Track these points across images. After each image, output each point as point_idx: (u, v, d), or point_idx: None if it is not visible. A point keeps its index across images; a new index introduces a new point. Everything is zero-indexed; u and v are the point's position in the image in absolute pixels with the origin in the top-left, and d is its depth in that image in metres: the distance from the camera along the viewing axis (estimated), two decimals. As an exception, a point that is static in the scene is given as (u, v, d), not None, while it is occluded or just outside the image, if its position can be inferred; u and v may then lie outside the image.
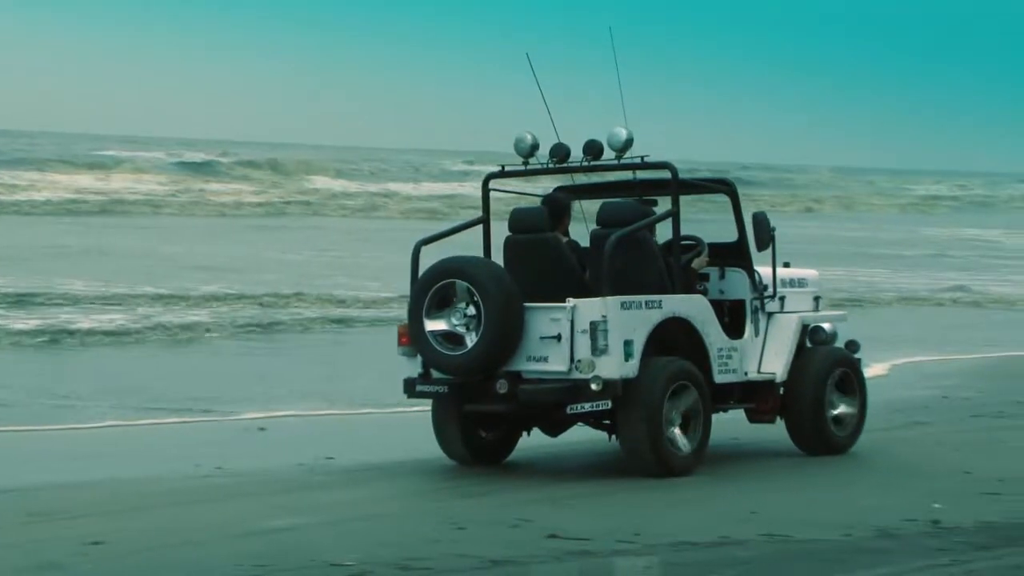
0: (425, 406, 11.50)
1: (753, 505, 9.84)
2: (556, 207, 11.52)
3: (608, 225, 11.17)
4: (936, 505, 9.71)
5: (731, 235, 11.84)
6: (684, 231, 11.39)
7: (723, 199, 11.85)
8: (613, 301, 10.57)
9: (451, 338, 10.81)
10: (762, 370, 11.69)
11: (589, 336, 10.51)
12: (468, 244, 11.90)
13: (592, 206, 11.92)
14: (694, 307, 11.15)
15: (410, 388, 11.19)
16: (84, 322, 20.26)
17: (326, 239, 38.86)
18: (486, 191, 11.91)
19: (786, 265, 12.18)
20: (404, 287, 11.81)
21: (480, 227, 11.96)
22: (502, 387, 10.71)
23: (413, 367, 11.18)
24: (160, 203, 48.45)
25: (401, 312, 12.17)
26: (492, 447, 11.60)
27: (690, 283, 11.41)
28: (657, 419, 10.64)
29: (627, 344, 10.57)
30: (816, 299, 12.42)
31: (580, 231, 11.71)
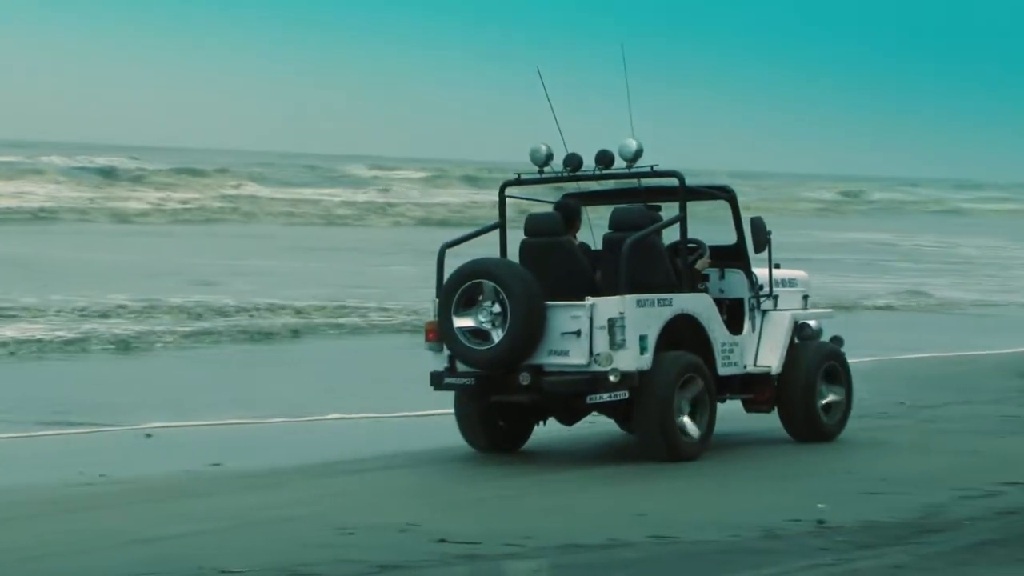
0: (299, 416, 11.50)
1: (641, 507, 9.90)
2: (568, 212, 12.32)
3: (620, 229, 12.07)
4: (820, 505, 9.83)
5: (730, 238, 12.66)
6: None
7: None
8: (630, 299, 11.44)
9: (478, 334, 11.60)
10: (759, 363, 12.56)
11: (607, 332, 11.37)
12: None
13: (592, 210, 12.89)
14: (700, 305, 12.03)
15: (437, 381, 11.94)
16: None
17: (237, 245, 38.56)
18: (502, 198, 12.76)
19: (776, 266, 12.96)
20: (294, 295, 11.79)
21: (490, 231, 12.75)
22: (525, 379, 11.47)
23: (439, 362, 11.94)
24: (58, 209, 47.83)
25: (293, 321, 12.22)
26: (510, 436, 12.36)
27: (695, 283, 12.25)
28: (669, 409, 11.53)
29: (642, 339, 11.46)
30: (805, 297, 13.35)
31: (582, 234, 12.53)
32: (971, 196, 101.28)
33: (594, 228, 12.59)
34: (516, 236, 12.35)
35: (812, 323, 13.07)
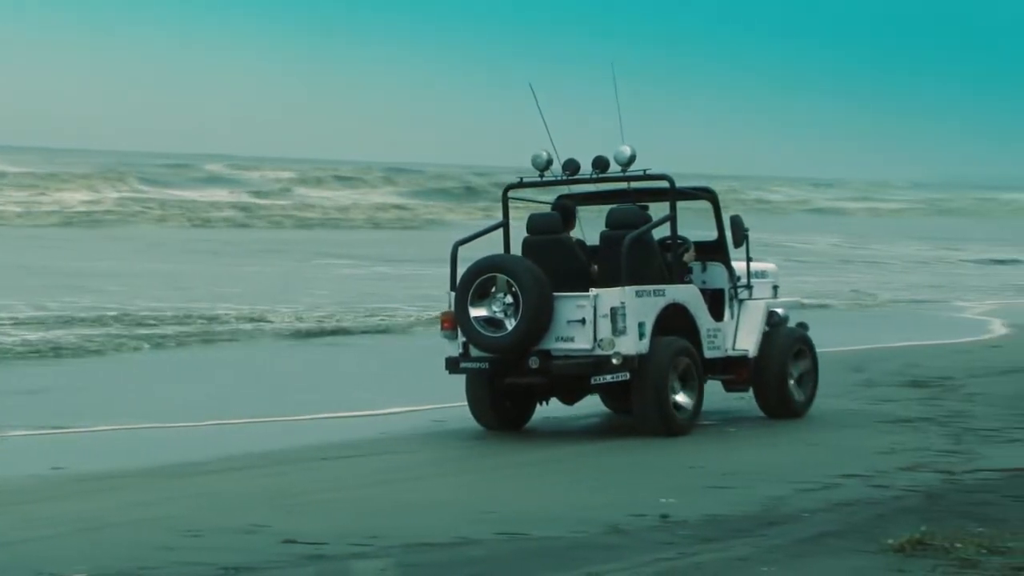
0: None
1: (489, 505, 9.95)
2: (565, 212, 13.58)
3: (616, 227, 13.26)
4: (664, 500, 9.97)
5: (712, 234, 14.02)
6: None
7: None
8: (630, 290, 12.69)
9: (492, 322, 12.82)
10: (737, 347, 13.86)
11: (610, 319, 12.62)
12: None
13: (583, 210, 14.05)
14: (689, 295, 13.38)
15: (453, 365, 13.14)
16: None
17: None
18: (506, 200, 14.01)
19: (749, 260, 14.14)
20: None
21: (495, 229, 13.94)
22: (534, 363, 12.73)
23: (453, 348, 13.11)
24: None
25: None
26: (515, 415, 13.56)
27: (683, 275, 13.60)
28: (664, 388, 12.81)
29: (640, 325, 12.72)
30: (775, 288, 14.69)
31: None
32: (830, 195, 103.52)
33: (584, 225, 13.82)
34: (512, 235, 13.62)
35: (779, 310, 14.32)
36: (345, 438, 13.20)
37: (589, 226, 13.84)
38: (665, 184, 13.36)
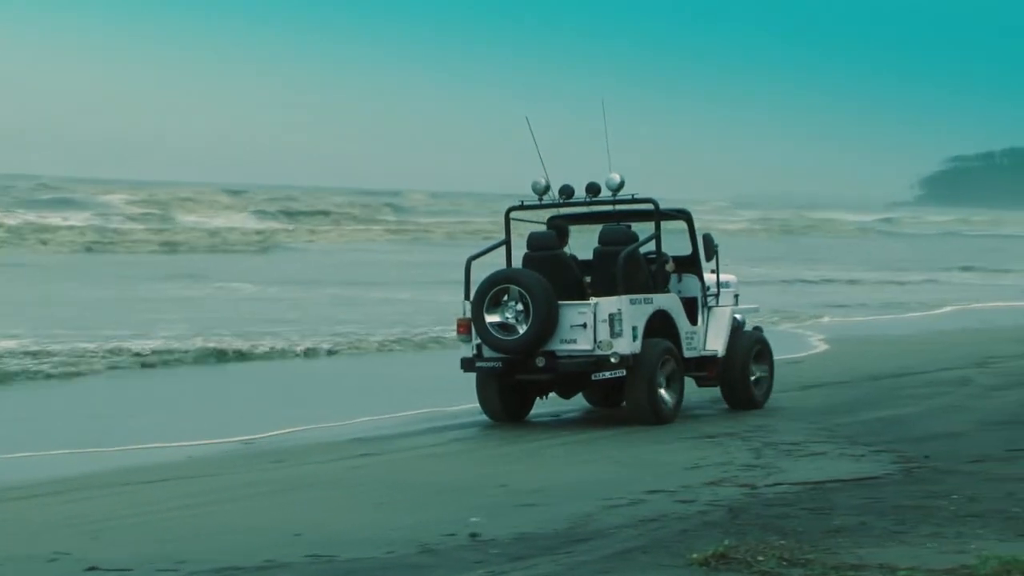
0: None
1: (298, 527, 9.88)
2: (559, 231, 15.72)
3: (608, 244, 15.46)
4: (474, 519, 10.01)
5: (686, 249, 16.03)
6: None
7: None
8: (625, 299, 14.71)
9: (505, 327, 14.76)
10: (707, 348, 15.94)
11: (608, 324, 14.62)
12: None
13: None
14: (671, 303, 15.48)
15: (469, 365, 15.09)
16: None
17: None
18: (508, 220, 15.94)
19: (713, 271, 16.11)
20: None
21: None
22: (540, 362, 14.77)
23: (467, 350, 15.08)
24: None
25: None
26: (517, 407, 15.48)
27: (665, 285, 15.60)
28: (653, 383, 14.85)
29: (634, 329, 14.75)
30: (736, 296, 16.63)
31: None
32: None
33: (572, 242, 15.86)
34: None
35: (738, 316, 16.45)
36: (151, 462, 13.01)
37: (573, 242, 15.98)
38: (649, 207, 15.44)
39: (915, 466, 12.10)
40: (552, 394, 15.89)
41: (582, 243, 16.03)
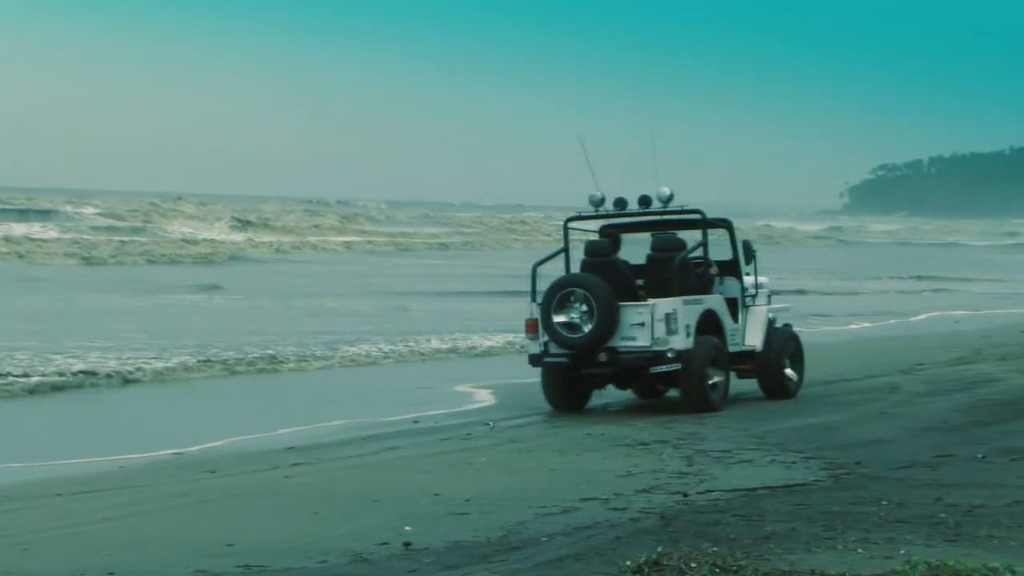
0: None
1: (230, 537, 9.84)
2: (612, 239, 17.79)
3: (661, 251, 17.41)
4: (407, 528, 10.01)
5: (726, 254, 17.80)
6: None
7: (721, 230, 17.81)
8: (680, 300, 16.58)
9: (571, 327, 16.53)
10: (747, 343, 17.70)
11: (665, 322, 16.40)
12: None
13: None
14: (718, 303, 17.30)
15: (537, 360, 16.94)
16: None
17: None
18: (566, 230, 17.79)
19: (747, 275, 17.87)
20: None
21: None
22: (603, 357, 16.53)
23: (535, 347, 16.85)
24: None
25: None
26: (578, 399, 17.23)
27: (711, 287, 17.43)
28: (704, 375, 16.67)
29: (687, 327, 16.58)
30: (769, 296, 18.38)
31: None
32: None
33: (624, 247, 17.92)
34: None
35: (771, 315, 18.11)
36: (81, 473, 12.91)
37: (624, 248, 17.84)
38: (697, 216, 17.30)
39: (844, 472, 12.22)
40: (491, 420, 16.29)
41: (626, 250, 18.08)
